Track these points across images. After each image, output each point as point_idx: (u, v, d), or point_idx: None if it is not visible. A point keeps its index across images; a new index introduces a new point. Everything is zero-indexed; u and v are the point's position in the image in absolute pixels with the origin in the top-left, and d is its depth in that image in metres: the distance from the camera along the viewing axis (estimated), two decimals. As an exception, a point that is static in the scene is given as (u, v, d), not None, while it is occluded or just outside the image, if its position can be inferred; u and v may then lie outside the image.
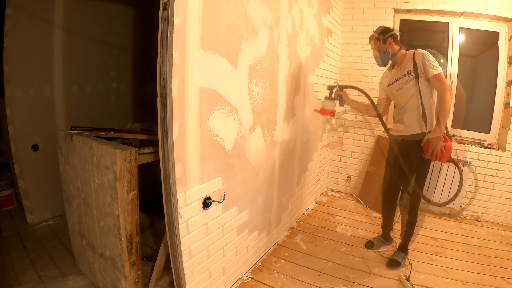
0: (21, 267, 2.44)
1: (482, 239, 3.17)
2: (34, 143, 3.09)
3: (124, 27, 4.01)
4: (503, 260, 2.77)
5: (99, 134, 2.15)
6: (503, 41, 3.42)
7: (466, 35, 3.63)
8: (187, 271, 1.77)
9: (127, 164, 1.75)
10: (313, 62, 3.14)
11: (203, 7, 1.57)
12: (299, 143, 3.07)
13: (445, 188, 3.56)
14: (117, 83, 4.00)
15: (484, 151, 3.48)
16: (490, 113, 3.58)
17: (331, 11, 3.53)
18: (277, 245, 2.90)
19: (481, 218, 3.61)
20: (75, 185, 2.14)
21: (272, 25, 2.25)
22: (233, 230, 2.17)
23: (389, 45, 2.37)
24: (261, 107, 2.26)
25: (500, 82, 3.47)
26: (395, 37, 2.39)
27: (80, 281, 2.30)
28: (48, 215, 3.26)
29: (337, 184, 4.41)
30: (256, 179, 2.38)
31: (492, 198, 3.54)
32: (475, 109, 3.84)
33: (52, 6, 3.09)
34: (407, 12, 3.76)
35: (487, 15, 3.40)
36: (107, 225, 1.90)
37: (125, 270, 1.87)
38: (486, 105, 3.64)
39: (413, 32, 3.95)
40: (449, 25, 3.61)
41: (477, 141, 3.66)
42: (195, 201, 1.74)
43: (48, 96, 3.17)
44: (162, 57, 1.45)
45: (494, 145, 3.52)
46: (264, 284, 2.34)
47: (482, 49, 3.69)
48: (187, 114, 1.58)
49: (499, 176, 3.46)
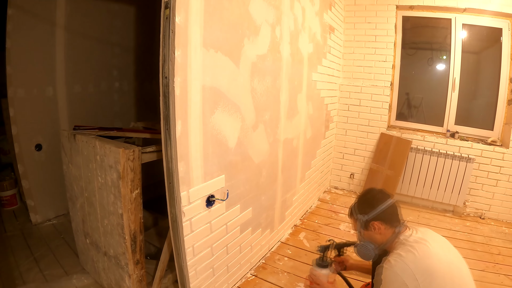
0: (25, 266, 2.45)
1: (486, 236, 3.16)
2: (38, 143, 3.10)
3: (126, 26, 4.01)
4: (506, 258, 2.76)
5: (102, 133, 2.15)
6: (506, 37, 3.40)
7: (469, 32, 3.61)
8: (191, 269, 1.77)
9: (130, 163, 1.75)
10: (315, 60, 3.13)
11: (204, 5, 1.57)
12: (302, 140, 3.07)
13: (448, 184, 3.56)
14: (120, 82, 4.01)
15: (487, 148, 3.46)
16: (493, 110, 3.56)
17: (333, 8, 3.52)
18: (280, 243, 2.90)
19: (485, 215, 3.59)
20: (78, 184, 2.14)
21: (274, 23, 2.24)
22: (236, 228, 2.18)
23: (374, 231, 1.44)
24: (263, 105, 2.26)
25: (503, 79, 3.45)
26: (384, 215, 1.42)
27: (84, 280, 2.31)
28: (52, 215, 3.28)
29: (340, 182, 4.41)
30: (260, 177, 2.38)
31: (495, 195, 3.52)
32: (478, 106, 3.83)
33: (53, 7, 3.09)
34: (410, 8, 3.74)
35: (489, 11, 3.38)
36: (111, 224, 1.91)
37: (129, 268, 1.88)
38: (489, 101, 3.62)
39: (415, 28, 3.93)
40: (451, 21, 3.59)
41: (480, 138, 3.64)
42: (199, 199, 1.74)
43: (51, 96, 3.18)
44: (164, 56, 1.45)
45: (497, 142, 3.50)
46: (267, 282, 2.34)
47: (485, 45, 3.67)
48: (190, 113, 1.58)
49: (503, 173, 3.44)
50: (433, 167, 3.63)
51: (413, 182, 3.78)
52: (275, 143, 2.53)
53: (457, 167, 3.49)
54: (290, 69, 2.59)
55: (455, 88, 3.64)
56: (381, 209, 1.42)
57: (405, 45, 3.91)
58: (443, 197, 3.64)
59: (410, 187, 3.81)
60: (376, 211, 1.42)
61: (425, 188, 3.72)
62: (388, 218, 1.41)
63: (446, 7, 3.52)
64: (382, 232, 1.42)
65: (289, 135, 2.76)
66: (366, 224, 1.45)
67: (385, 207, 1.42)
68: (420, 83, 4.03)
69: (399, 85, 3.97)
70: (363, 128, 4.11)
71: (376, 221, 1.42)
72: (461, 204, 3.58)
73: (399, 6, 3.75)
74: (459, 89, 3.64)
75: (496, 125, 3.56)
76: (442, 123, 3.80)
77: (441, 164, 3.57)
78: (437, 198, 3.68)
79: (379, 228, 1.42)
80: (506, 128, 3.47)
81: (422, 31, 3.95)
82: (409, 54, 3.96)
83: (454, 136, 3.64)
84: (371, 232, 1.45)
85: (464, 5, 3.42)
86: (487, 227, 3.38)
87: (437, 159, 3.59)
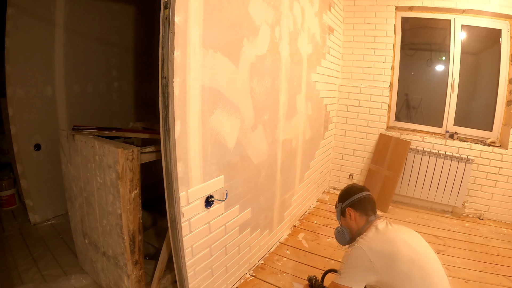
0: (24, 266, 2.45)
1: (485, 237, 3.16)
2: (36, 143, 3.09)
3: (125, 26, 4.01)
4: (505, 258, 2.77)
5: (101, 133, 2.15)
6: (505, 39, 3.40)
7: (468, 33, 3.61)
8: (190, 269, 1.77)
9: (129, 163, 1.75)
10: (314, 60, 3.13)
11: (204, 5, 1.57)
12: (301, 141, 3.07)
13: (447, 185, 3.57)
14: (119, 82, 4.01)
15: (486, 149, 3.47)
16: (492, 111, 3.57)
17: (333, 9, 3.52)
18: (279, 243, 2.90)
19: (484, 216, 3.60)
20: (77, 184, 2.14)
21: (274, 23, 2.24)
22: (235, 229, 2.18)
23: (349, 218, 1.63)
24: (262, 106, 2.26)
25: (502, 80, 3.46)
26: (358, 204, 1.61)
27: (83, 280, 2.30)
28: (50, 214, 3.27)
29: (339, 182, 4.41)
30: (258, 178, 2.38)
31: (494, 196, 3.53)
32: (477, 107, 3.83)
33: (53, 6, 3.08)
34: (409, 9, 3.75)
35: (489, 12, 3.38)
36: (110, 224, 1.90)
37: (128, 268, 1.88)
38: (488, 103, 3.62)
39: (414, 29, 3.93)
40: (451, 22, 3.59)
41: (479, 138, 3.64)
42: (197, 199, 1.74)
43: (50, 96, 3.18)
44: (163, 56, 1.45)
45: (496, 143, 3.51)
46: (266, 282, 2.34)
47: (484, 46, 3.68)
48: (189, 113, 1.58)
49: (502, 174, 3.45)
50: (432, 168, 3.63)
51: (412, 183, 3.78)
52: (274, 143, 2.53)
53: (456, 168, 3.50)
54: (289, 69, 2.59)
55: (454, 89, 3.64)
56: (355, 198, 1.62)
57: (404, 46, 3.91)
58: (442, 198, 3.64)
59: (409, 188, 3.81)
60: (351, 200, 1.63)
61: (424, 188, 3.72)
62: (362, 207, 1.60)
63: (445, 8, 3.52)
64: (356, 219, 1.60)
65: (288, 136, 2.76)
66: (342, 211, 1.67)
67: (359, 197, 1.62)
68: (419, 84, 4.03)
69: (398, 86, 3.98)
70: (362, 128, 4.11)
71: (351, 209, 1.61)
72: (460, 205, 3.59)
73: (398, 7, 3.76)
74: (458, 90, 3.64)
75: (495, 126, 3.56)
76: (441, 124, 3.80)
77: (440, 165, 3.58)
78: (436, 199, 3.68)
79: (354, 215, 1.60)
80: (505, 129, 3.47)
81: (421, 32, 3.95)
82: (408, 55, 3.97)
83: (453, 137, 3.64)
84: (347, 219, 1.64)
85: (463, 6, 3.42)
86: (486, 227, 3.39)
87: (436, 160, 3.59)
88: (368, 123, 4.07)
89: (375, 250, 1.35)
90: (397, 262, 1.29)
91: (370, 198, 1.65)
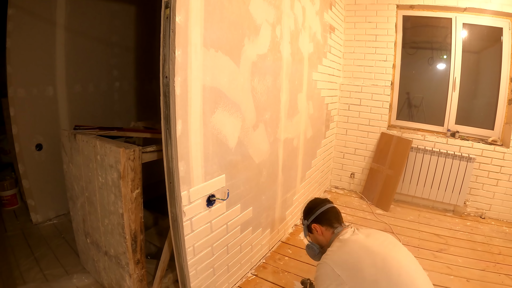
0: (26, 266, 2.45)
1: (486, 236, 3.15)
2: (38, 143, 3.10)
3: (126, 26, 4.01)
4: (507, 257, 2.76)
5: (102, 133, 2.15)
6: (507, 37, 3.39)
7: (469, 31, 3.60)
8: (191, 268, 1.77)
9: (130, 163, 1.75)
10: (316, 59, 3.13)
11: (205, 5, 1.57)
12: (303, 140, 3.07)
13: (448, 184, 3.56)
14: (120, 82, 4.01)
15: (488, 148, 3.46)
16: (493, 109, 3.56)
17: (334, 7, 3.52)
18: (281, 242, 2.90)
19: (485, 215, 3.59)
20: (79, 184, 2.15)
21: (275, 23, 2.24)
22: (237, 228, 2.18)
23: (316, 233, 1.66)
24: (264, 105, 2.26)
25: (503, 78, 3.45)
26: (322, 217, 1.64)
27: (85, 280, 2.31)
28: (52, 214, 3.28)
29: (341, 181, 4.41)
30: (260, 177, 2.38)
31: (496, 194, 3.52)
32: (478, 106, 3.82)
33: (54, 6, 3.09)
34: (410, 8, 3.74)
35: (490, 11, 3.37)
36: (111, 224, 1.91)
37: (130, 268, 1.88)
38: (489, 101, 3.61)
39: (416, 28, 3.92)
40: (452, 21, 3.58)
41: (481, 137, 3.64)
42: (199, 199, 1.74)
43: (51, 96, 3.18)
44: (164, 56, 1.45)
45: (498, 141, 3.50)
46: (268, 281, 2.34)
47: (485, 45, 3.66)
48: (190, 112, 1.58)
49: (503, 173, 3.44)
50: (434, 167, 3.62)
51: (413, 182, 3.78)
52: (275, 142, 2.52)
53: (457, 166, 3.49)
54: (291, 68, 2.58)
55: (455, 87, 3.64)
56: (318, 212, 1.63)
57: (405, 44, 3.91)
58: (444, 196, 3.64)
59: (410, 187, 3.80)
60: (314, 215, 1.64)
61: (426, 187, 3.72)
62: (327, 220, 1.61)
63: (447, 7, 3.51)
64: (323, 233, 1.62)
65: (289, 135, 2.76)
66: (309, 228, 1.68)
67: (322, 210, 1.63)
68: (421, 83, 4.02)
69: (400, 84, 3.97)
70: (364, 127, 4.11)
71: (316, 224, 1.63)
72: (461, 204, 3.58)
73: (399, 6, 3.75)
74: (460, 89, 3.64)
75: (497, 124, 3.56)
76: (442, 122, 3.80)
77: (442, 163, 3.57)
78: (438, 198, 3.68)
79: (320, 230, 1.62)
80: (506, 127, 3.47)
81: (423, 30, 3.94)
82: (410, 53, 3.96)
83: (455, 136, 3.64)
84: (314, 234, 1.65)
85: (464, 4, 3.41)
86: (488, 226, 3.38)
87: (438, 158, 3.59)
88: (369, 122, 4.06)
89: (339, 263, 1.35)
90: (361, 271, 1.29)
91: (334, 209, 1.67)
